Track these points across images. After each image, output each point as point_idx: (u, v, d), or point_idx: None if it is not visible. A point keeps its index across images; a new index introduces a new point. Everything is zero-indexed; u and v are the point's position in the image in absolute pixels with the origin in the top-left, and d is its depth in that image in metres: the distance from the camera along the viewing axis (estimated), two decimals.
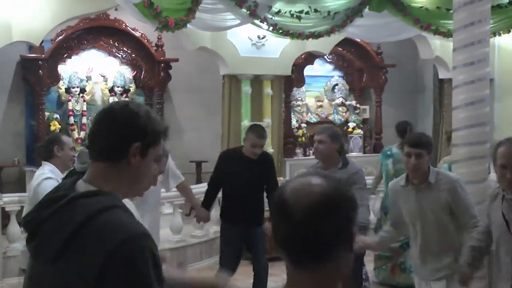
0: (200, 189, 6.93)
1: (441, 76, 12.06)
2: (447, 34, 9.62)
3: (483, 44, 5.57)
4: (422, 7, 9.70)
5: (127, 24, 10.85)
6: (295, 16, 9.15)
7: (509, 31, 10.08)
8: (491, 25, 6.74)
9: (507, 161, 3.86)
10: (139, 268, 1.84)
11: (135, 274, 1.84)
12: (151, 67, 11.20)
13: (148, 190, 2.29)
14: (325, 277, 1.58)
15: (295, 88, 12.28)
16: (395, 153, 7.78)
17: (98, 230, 1.87)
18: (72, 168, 5.31)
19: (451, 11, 8.87)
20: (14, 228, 8.16)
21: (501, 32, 9.98)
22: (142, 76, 11.29)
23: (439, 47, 11.30)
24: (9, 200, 8.14)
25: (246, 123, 10.37)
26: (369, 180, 7.75)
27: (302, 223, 1.52)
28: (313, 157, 7.82)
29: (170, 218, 9.00)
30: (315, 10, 9.24)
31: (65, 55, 10.69)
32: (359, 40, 12.02)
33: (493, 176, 4.90)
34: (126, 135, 2.03)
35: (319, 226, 1.51)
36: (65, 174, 5.20)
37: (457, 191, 4.46)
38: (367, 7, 9.44)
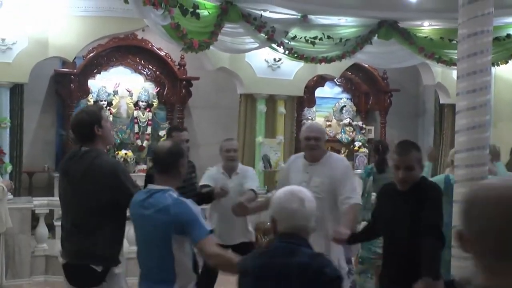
0: None
1: (442, 101, 12.04)
2: (449, 63, 9.66)
3: (485, 73, 5.56)
4: (427, 37, 9.75)
5: (153, 44, 10.95)
6: (309, 41, 9.22)
7: (507, 62, 10.09)
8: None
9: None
10: (117, 175, 3.88)
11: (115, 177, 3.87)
12: (173, 84, 11.28)
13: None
14: (168, 179, 3.59)
15: (306, 108, 12.34)
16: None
17: (95, 167, 3.86)
18: None
19: (453, 42, 9.01)
20: (43, 230, 8.21)
21: (499, 62, 9.99)
22: (165, 93, 11.37)
23: (441, 74, 11.32)
24: (39, 203, 8.22)
25: (260, 139, 10.42)
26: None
27: (161, 159, 3.63)
28: None
29: None
30: (328, 37, 9.32)
31: (94, 71, 10.80)
32: (367, 65, 12.07)
33: None
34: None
35: (166, 160, 3.60)
36: None
37: None
38: (376, 35, 9.52)
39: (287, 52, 9.28)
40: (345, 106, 13.16)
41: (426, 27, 9.80)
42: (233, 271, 3.20)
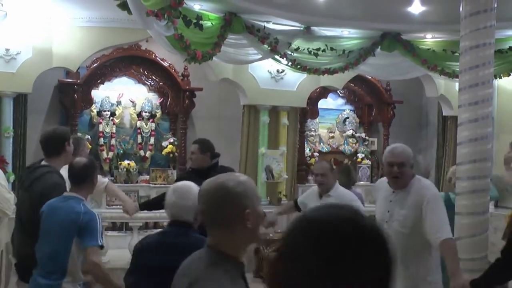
0: None
1: (444, 113, 12.03)
2: (452, 75, 9.65)
3: (487, 86, 5.58)
4: (430, 49, 9.74)
5: (157, 55, 10.96)
6: (312, 53, 9.21)
7: (509, 75, 10.07)
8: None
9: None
10: (47, 194, 4.28)
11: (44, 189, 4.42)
12: (177, 95, 11.27)
13: None
14: (81, 190, 4.25)
15: (309, 119, 12.32)
16: None
17: (42, 180, 4.40)
18: None
19: (456, 54, 8.99)
20: None
21: (501, 75, 9.98)
22: (168, 103, 11.37)
23: (444, 86, 11.32)
24: None
25: (263, 150, 10.43)
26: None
27: (76, 172, 4.20)
28: None
29: None
30: (331, 49, 9.31)
31: (98, 81, 10.79)
32: (370, 77, 12.06)
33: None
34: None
35: (82, 174, 4.22)
36: None
37: None
38: (379, 47, 9.52)
39: (290, 63, 9.29)
40: (348, 117, 13.15)
41: (429, 39, 9.80)
42: (106, 285, 3.93)
